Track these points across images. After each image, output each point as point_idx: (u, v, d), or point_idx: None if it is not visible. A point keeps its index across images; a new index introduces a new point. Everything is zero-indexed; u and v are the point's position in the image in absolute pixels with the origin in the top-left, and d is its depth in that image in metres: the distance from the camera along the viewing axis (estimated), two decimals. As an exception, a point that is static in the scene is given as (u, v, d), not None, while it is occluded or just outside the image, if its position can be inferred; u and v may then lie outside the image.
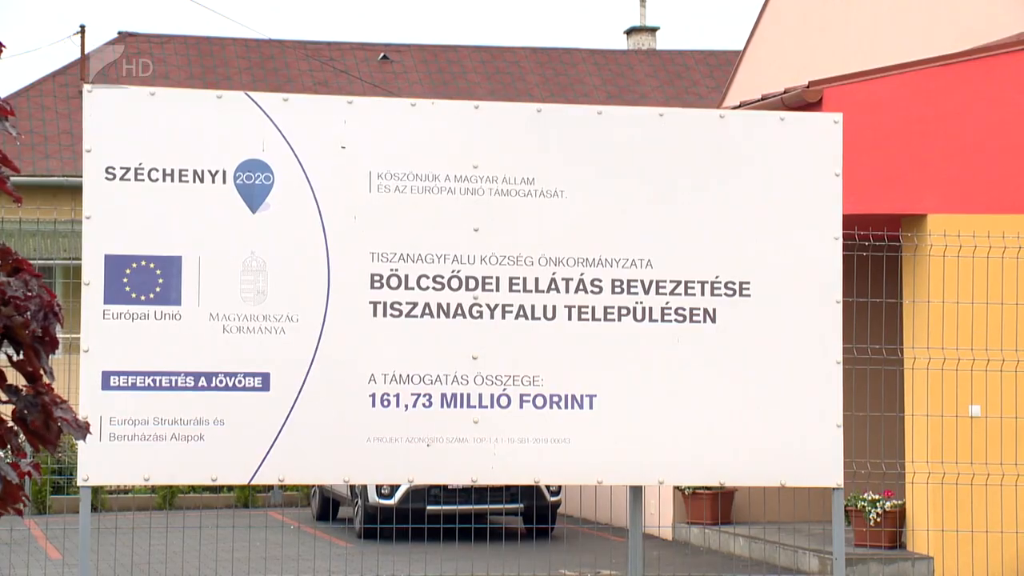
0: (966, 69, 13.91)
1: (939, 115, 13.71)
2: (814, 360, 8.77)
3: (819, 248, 8.84)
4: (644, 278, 8.63)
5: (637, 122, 8.98)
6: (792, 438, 8.70)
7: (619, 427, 8.54)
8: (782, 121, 9.14)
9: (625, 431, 8.55)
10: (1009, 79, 13.77)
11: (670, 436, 8.63)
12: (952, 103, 13.72)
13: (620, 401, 8.55)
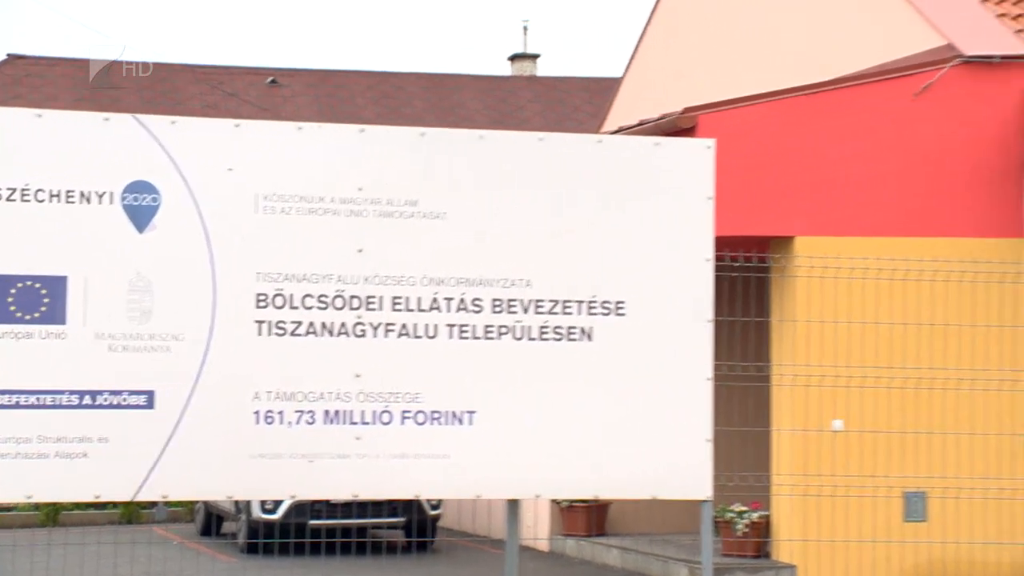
0: (831, 98, 14.09)
1: (806, 141, 13.87)
2: (686, 377, 8.81)
3: (691, 269, 8.89)
4: (523, 298, 8.64)
5: (517, 146, 8.97)
6: (664, 452, 8.74)
7: (498, 443, 8.53)
8: (657, 146, 9.19)
9: (503, 446, 8.54)
10: (870, 108, 13.97)
11: (547, 451, 8.63)
12: (819, 130, 13.89)
13: (499, 417, 8.54)
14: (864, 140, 13.90)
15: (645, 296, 8.79)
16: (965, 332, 13.51)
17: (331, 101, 31.50)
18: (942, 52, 14.18)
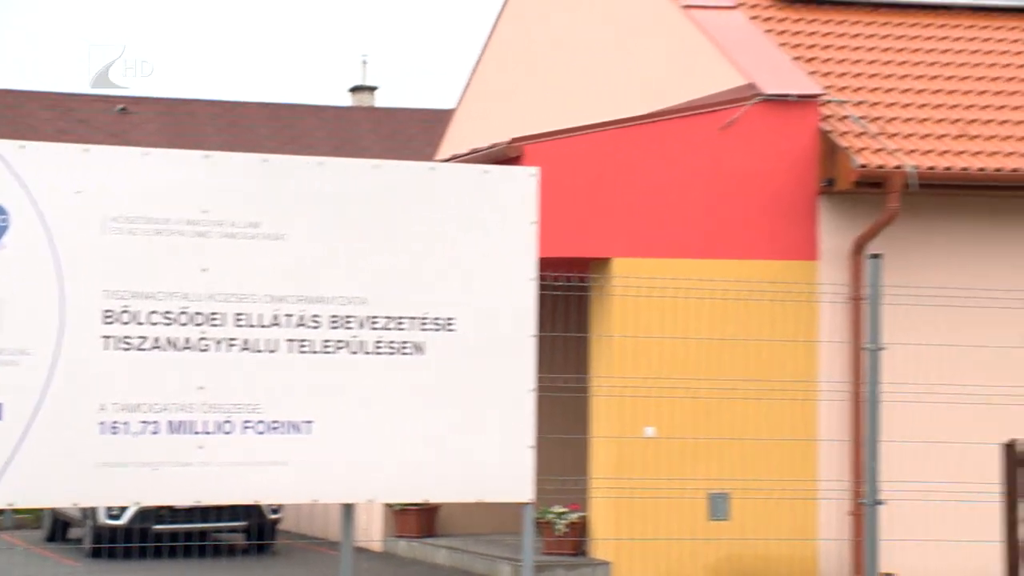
0: (646, 131, 14.28)
1: (623, 170, 14.02)
2: (510, 388, 8.86)
3: (516, 288, 8.94)
4: (359, 314, 8.62)
5: (355, 172, 8.94)
6: (489, 458, 8.78)
7: (334, 450, 8.49)
8: (485, 173, 9.22)
9: (339, 454, 8.50)
10: (681, 140, 14.19)
11: (380, 458, 8.62)
12: (635, 160, 14.06)
13: (335, 426, 8.50)
14: (675, 170, 14.10)
15: (473, 313, 8.82)
16: (763, 346, 13.77)
17: (179, 128, 31.11)
18: (745, 90, 14.44)
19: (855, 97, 14.93)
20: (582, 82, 17.88)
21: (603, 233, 13.92)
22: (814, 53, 15.59)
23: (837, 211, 14.34)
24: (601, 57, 17.66)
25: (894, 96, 15.11)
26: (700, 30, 15.56)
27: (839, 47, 15.84)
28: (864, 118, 14.59)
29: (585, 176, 13.90)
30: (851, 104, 14.76)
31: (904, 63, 15.74)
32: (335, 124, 33.37)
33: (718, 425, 13.64)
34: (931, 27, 16.46)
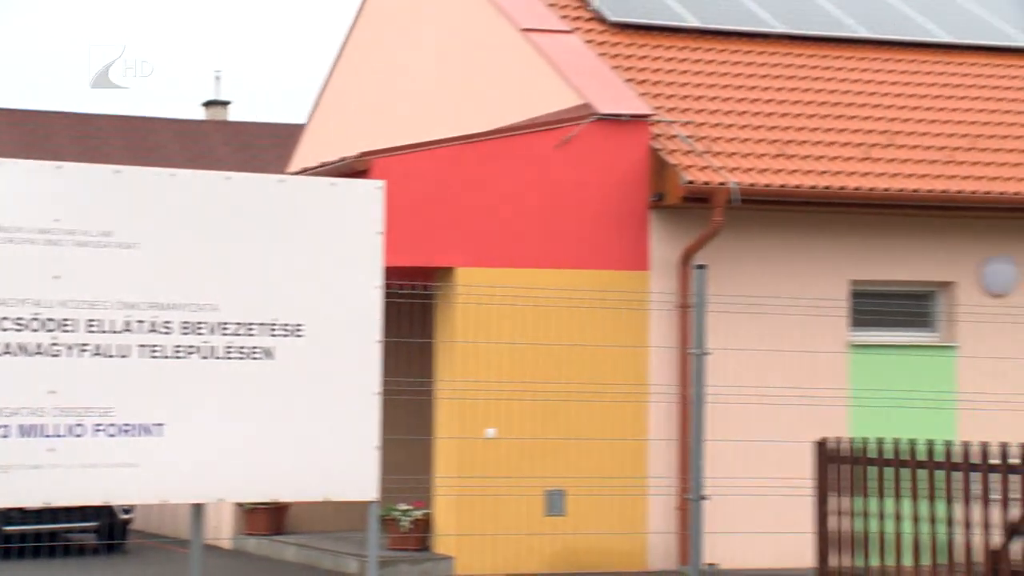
0: (488, 147, 14.30)
1: (467, 184, 14.03)
2: (357, 391, 8.81)
3: (363, 296, 8.89)
4: (210, 321, 8.49)
5: (206, 184, 8.81)
6: (336, 459, 8.71)
7: (184, 452, 8.35)
8: (333, 186, 9.16)
9: (189, 455, 8.36)
10: (521, 156, 14.23)
11: (230, 459, 8.50)
12: (477, 174, 14.08)
13: (185, 429, 8.36)
14: (515, 184, 14.15)
15: (321, 320, 8.75)
16: (597, 351, 13.90)
17: (32, 139, 30.38)
18: (581, 110, 14.55)
19: (683, 117, 15.13)
20: (429, 99, 17.87)
21: (447, 244, 13.92)
22: (645, 76, 15.77)
23: (666, 224, 14.51)
24: (446, 76, 17.67)
25: (719, 117, 15.36)
26: (539, 52, 15.65)
27: (668, 71, 16.06)
28: (691, 137, 14.79)
29: (430, 189, 13.88)
30: (679, 124, 14.95)
31: (728, 86, 16.01)
32: (188, 137, 32.90)
33: (554, 426, 13.72)
34: (751, 53, 16.77)
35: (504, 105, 16.09)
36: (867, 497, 8.81)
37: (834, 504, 9.02)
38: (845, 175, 14.78)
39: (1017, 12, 19.06)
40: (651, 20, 16.85)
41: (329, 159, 14.93)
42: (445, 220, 13.92)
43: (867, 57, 17.25)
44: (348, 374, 8.79)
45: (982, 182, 15.12)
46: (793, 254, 14.89)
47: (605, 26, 16.60)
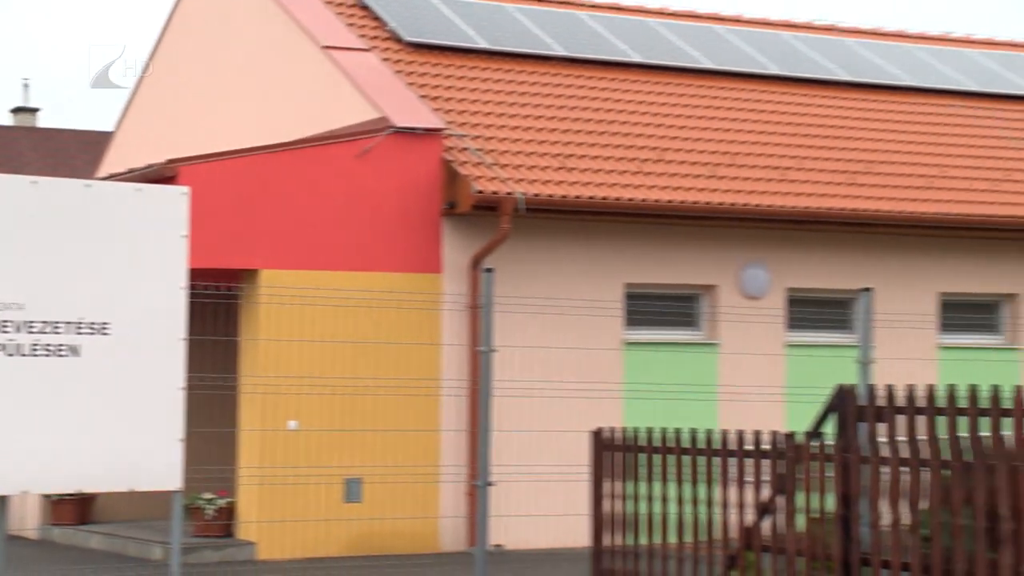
0: (292, 156, 14.17)
1: (271, 191, 13.88)
2: (161, 386, 8.62)
3: (168, 296, 8.70)
4: (16, 319, 8.21)
5: (12, 188, 8.48)
6: (141, 451, 8.51)
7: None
8: (138, 191, 8.93)
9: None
10: (323, 165, 14.14)
11: (36, 452, 8.22)
12: (281, 182, 13.93)
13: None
14: (317, 191, 14.04)
15: (127, 318, 8.53)
16: (393, 349, 13.87)
17: None
18: (378, 123, 14.51)
19: (473, 132, 15.21)
20: (235, 110, 17.60)
21: (252, 247, 13.74)
22: (438, 92, 15.81)
23: (458, 230, 14.56)
24: (252, 88, 17.43)
25: (506, 132, 15.48)
26: (339, 69, 15.58)
27: (459, 88, 16.12)
28: (481, 150, 14.87)
29: (235, 196, 13.68)
30: (470, 138, 15.03)
31: (514, 104, 16.15)
32: (-4, 143, 31.74)
33: (353, 418, 13.65)
34: (535, 74, 16.96)
35: (306, 117, 15.95)
36: (638, 481, 8.97)
37: (608, 488, 9.16)
38: (620, 187, 15.04)
39: (772, 45, 19.68)
40: (443, 41, 16.92)
41: (137, 166, 14.59)
42: (249, 225, 13.73)
43: (640, 80, 17.61)
44: (153, 370, 8.59)
45: (740, 195, 15.57)
46: (573, 259, 15.10)
47: (400, 45, 16.61)
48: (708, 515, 8.46)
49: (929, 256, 16.77)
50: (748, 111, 17.59)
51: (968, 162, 17.69)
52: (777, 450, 8.06)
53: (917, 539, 7.20)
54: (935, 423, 7.45)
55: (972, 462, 6.96)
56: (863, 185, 16.45)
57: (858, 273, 16.10)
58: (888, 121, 18.28)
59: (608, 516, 9.14)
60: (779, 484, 8.01)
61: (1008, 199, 17.02)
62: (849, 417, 7.89)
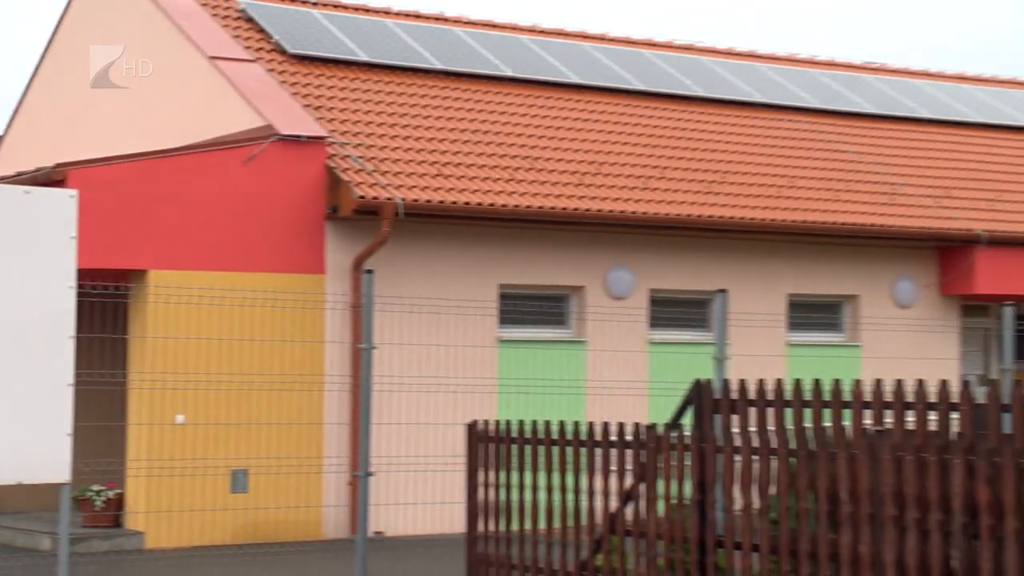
0: (180, 161, 13.97)
1: (160, 194, 13.68)
2: (51, 383, 8.41)
3: (57, 295, 8.50)
4: None
5: (-98, 190, 8.25)
6: (30, 445, 8.29)
7: None
8: (27, 194, 8.70)
9: None
10: (211, 170, 13.96)
11: (-75, 447, 7.97)
12: (169, 186, 13.73)
13: None
14: (205, 195, 13.85)
15: (16, 317, 8.31)
16: (278, 346, 13.73)
17: None
18: (264, 131, 14.36)
19: (355, 140, 15.12)
20: (124, 116, 17.24)
21: (140, 248, 13.51)
22: (321, 102, 15.69)
23: (340, 233, 14.47)
24: (140, 94, 17.09)
25: (386, 140, 15.41)
26: (225, 78, 15.37)
27: (342, 98, 16.01)
28: (362, 157, 14.79)
29: (125, 199, 13.44)
30: (352, 146, 14.94)
31: (394, 114, 16.09)
32: None
33: (238, 412, 13.48)
34: (414, 86, 16.92)
35: (194, 124, 15.71)
36: (510, 471, 8.99)
37: (482, 478, 9.17)
38: (494, 193, 15.08)
39: (635, 62, 19.88)
40: (326, 53, 16.80)
41: (26, 169, 14.20)
42: (138, 227, 13.51)
43: (512, 93, 17.66)
44: (42, 367, 8.38)
45: (607, 202, 15.71)
46: (450, 261, 15.09)
47: (285, 57, 16.46)
48: (576, 502, 8.52)
49: (779, 260, 17.12)
50: (613, 124, 17.75)
51: (814, 173, 18.09)
52: (639, 441, 8.15)
53: (766, 522, 7.33)
54: (783, 415, 7.59)
55: (815, 450, 7.11)
56: (719, 194, 16.72)
57: (714, 275, 16.35)
58: (741, 135, 18.61)
59: (482, 504, 9.15)
60: (641, 473, 8.09)
61: (850, 208, 17.45)
62: (705, 410, 8.01)
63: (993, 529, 6.27)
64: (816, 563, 7.02)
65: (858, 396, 7.31)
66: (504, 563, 8.92)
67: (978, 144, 20.74)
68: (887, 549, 6.65)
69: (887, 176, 18.64)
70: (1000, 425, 6.71)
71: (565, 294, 16.02)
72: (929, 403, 6.98)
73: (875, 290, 17.71)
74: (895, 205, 17.84)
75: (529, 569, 8.74)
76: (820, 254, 17.40)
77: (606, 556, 8.23)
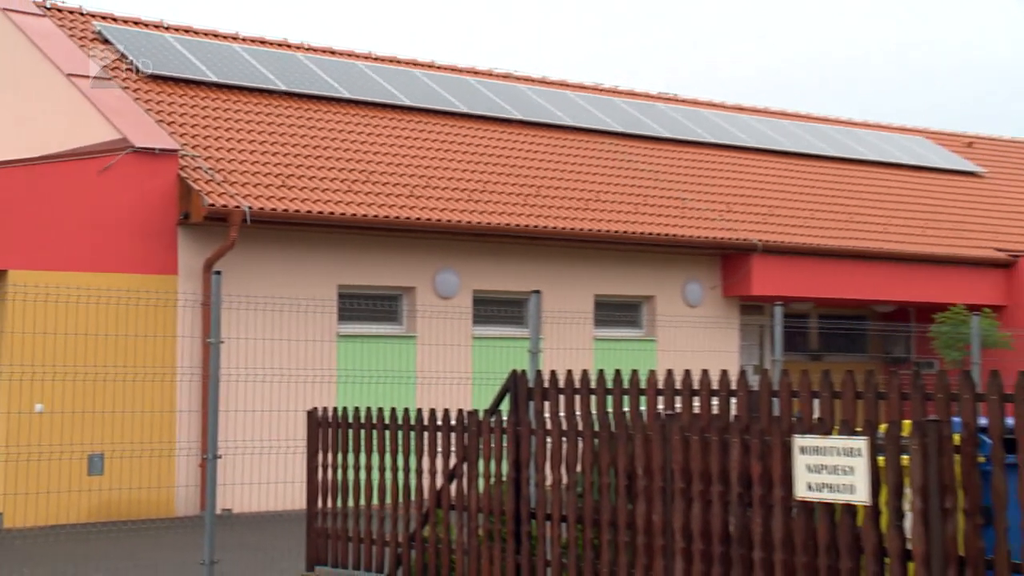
0: (42, 169, 13.53)
1: (20, 200, 13.23)
2: None
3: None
4: None
5: None
6: None
7: None
8: None
9: None
10: (72, 178, 13.55)
11: None
12: (33, 192, 13.30)
13: None
14: (65, 201, 13.43)
15: None
16: (133, 340, 13.37)
17: None
18: (120, 143, 13.97)
19: (206, 153, 14.82)
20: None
21: (2, 250, 12.97)
22: (174, 118, 15.33)
23: (192, 238, 14.16)
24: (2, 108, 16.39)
25: (235, 154, 15.15)
26: (83, 94, 14.88)
27: (193, 115, 15.68)
28: (212, 169, 14.51)
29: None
30: (202, 158, 14.63)
31: (241, 130, 15.83)
32: None
33: (94, 402, 13.04)
34: (260, 104, 16.69)
35: (54, 135, 15.16)
36: (347, 453, 8.93)
37: (322, 459, 9.08)
38: (333, 203, 14.95)
39: (457, 86, 19.95)
40: (178, 74, 16.45)
41: None
42: (2, 230, 12.95)
43: (349, 112, 17.55)
44: None
45: (435, 211, 15.73)
46: (294, 263, 14.91)
47: (139, 76, 16.06)
48: (405, 480, 8.51)
49: (586, 264, 17.40)
50: (441, 142, 17.79)
51: (616, 189, 18.45)
52: (462, 425, 8.18)
53: (573, 495, 7.45)
54: (588, 401, 7.73)
55: (615, 432, 7.26)
56: (535, 206, 16.90)
57: (530, 278, 16.53)
58: (554, 154, 18.86)
59: (321, 483, 9.06)
60: (464, 453, 8.13)
61: (647, 219, 17.85)
62: (520, 397, 8.09)
63: (763, 498, 6.50)
64: (616, 530, 7.17)
65: (652, 384, 7.49)
66: (341, 536, 8.85)
67: (752, 165, 21.48)
68: (676, 517, 6.83)
69: (678, 192, 19.14)
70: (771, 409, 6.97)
71: (398, 294, 15.98)
72: (712, 390, 7.21)
73: (668, 291, 18.17)
74: (685, 217, 18.33)
75: (363, 540, 8.70)
76: (622, 259, 17.75)
77: (432, 528, 8.24)
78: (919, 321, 19.15)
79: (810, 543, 6.31)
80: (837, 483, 6.08)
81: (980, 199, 23.60)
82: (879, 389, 6.52)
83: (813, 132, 23.85)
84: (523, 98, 20.40)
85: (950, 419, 6.11)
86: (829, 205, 20.77)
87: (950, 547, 5.79)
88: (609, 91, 22.65)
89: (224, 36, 18.48)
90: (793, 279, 18.65)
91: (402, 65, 20.08)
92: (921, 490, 5.80)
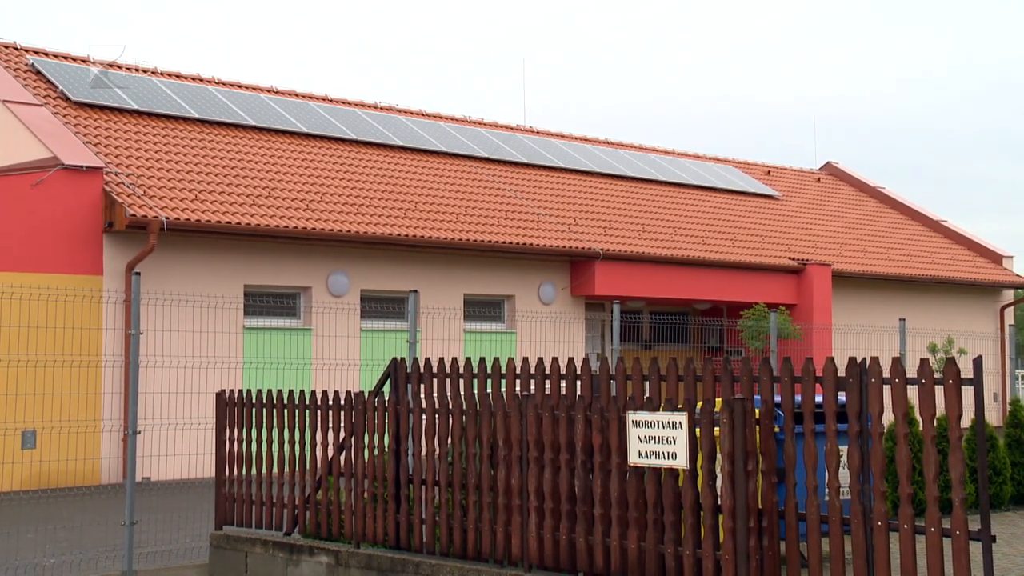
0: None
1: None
2: None
3: None
4: None
5: None
6: None
7: None
8: None
9: None
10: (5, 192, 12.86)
11: None
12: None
13: None
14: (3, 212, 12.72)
15: None
16: (64, 332, 12.78)
17: None
18: (51, 161, 13.39)
19: (128, 170, 14.29)
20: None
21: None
22: (99, 140, 14.76)
23: (116, 243, 13.66)
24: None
25: (153, 171, 14.66)
26: (17, 118, 14.18)
27: (117, 138, 15.13)
28: (133, 184, 14.00)
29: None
30: (125, 175, 14.10)
31: (160, 151, 15.35)
32: None
33: (28, 384, 12.42)
34: (176, 129, 16.26)
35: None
36: (251, 429, 8.67)
37: (229, 434, 8.80)
38: (240, 215, 14.57)
39: (348, 117, 19.67)
40: (103, 102, 15.92)
41: None
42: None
43: (254, 138, 17.18)
44: None
45: (329, 222, 15.48)
46: (207, 266, 14.48)
47: (69, 103, 15.46)
48: (302, 452, 8.31)
49: (457, 268, 17.33)
50: (333, 164, 17.52)
51: (482, 204, 18.43)
52: (351, 404, 8.02)
53: (445, 464, 7.37)
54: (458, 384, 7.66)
55: (480, 410, 7.21)
56: (414, 218, 16.76)
57: (409, 279, 16.39)
58: (430, 175, 18.75)
59: (228, 454, 8.78)
60: (351, 428, 7.98)
61: (508, 229, 17.86)
62: (400, 380, 7.97)
63: (603, 464, 6.53)
64: (480, 492, 7.11)
65: (511, 370, 7.47)
66: (245, 500, 8.59)
67: (596, 187, 21.72)
68: (531, 480, 6.81)
69: (534, 208, 19.22)
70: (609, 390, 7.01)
71: (296, 292, 15.66)
72: (561, 374, 7.21)
73: (526, 291, 18.23)
74: (540, 229, 18.42)
75: (265, 503, 8.46)
76: (487, 264, 17.75)
77: (324, 492, 8.06)
78: (730, 317, 19.64)
79: (641, 500, 6.36)
80: (663, 451, 6.14)
81: (777, 217, 24.38)
82: (697, 373, 6.62)
83: (645, 160, 24.27)
84: (403, 127, 20.24)
85: (753, 397, 6.23)
86: (658, 220, 21.16)
87: (752, 501, 5.90)
88: (476, 123, 22.63)
89: (144, 70, 17.92)
90: (628, 281, 18.94)
91: (300, 98, 19.72)
92: (729, 455, 5.90)
